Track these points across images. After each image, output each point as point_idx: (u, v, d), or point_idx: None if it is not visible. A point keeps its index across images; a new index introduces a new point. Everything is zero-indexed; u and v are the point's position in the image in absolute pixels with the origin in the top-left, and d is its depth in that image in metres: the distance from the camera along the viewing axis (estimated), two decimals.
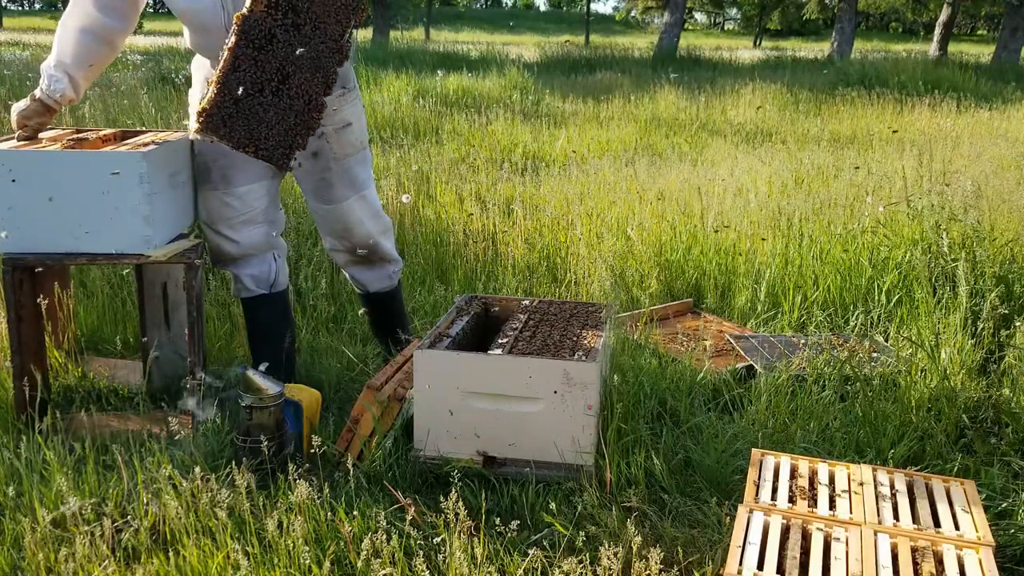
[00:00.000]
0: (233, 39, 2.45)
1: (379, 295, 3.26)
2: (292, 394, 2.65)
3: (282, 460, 2.49)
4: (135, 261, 2.69)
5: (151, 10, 48.57)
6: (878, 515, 2.07)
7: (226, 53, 2.46)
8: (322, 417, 2.90)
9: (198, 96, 2.83)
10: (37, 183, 2.56)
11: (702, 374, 3.10)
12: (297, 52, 2.51)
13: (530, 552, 2.06)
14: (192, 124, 2.49)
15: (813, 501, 2.14)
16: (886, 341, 3.55)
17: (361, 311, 3.43)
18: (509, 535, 2.08)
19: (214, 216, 2.94)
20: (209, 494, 2.17)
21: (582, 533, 2.13)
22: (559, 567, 2.01)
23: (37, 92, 2.70)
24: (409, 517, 2.19)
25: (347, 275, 3.29)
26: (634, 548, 1.92)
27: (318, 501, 2.25)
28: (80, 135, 2.95)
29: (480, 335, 2.96)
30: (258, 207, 2.95)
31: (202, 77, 2.86)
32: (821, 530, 2.00)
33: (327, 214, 3.03)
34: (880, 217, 4.49)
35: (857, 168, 6.20)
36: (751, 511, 2.05)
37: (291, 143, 2.61)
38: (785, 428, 2.79)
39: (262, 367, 2.71)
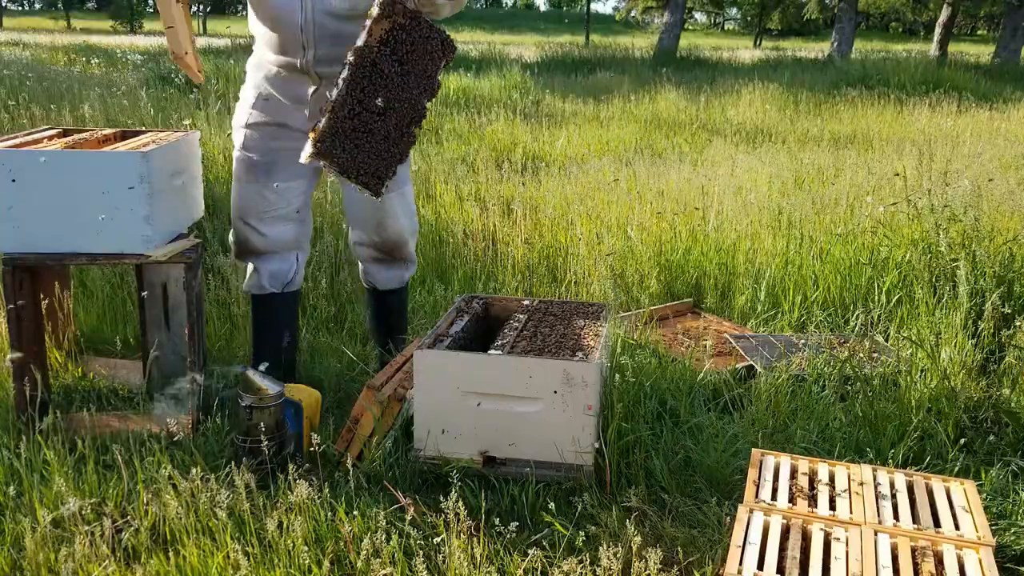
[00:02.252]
0: (347, 71, 2.57)
1: (386, 293, 3.28)
2: (292, 394, 2.65)
3: (282, 460, 2.49)
4: (135, 261, 2.69)
5: (151, 10, 48.55)
6: (878, 515, 2.07)
7: (340, 82, 2.57)
8: (322, 417, 2.90)
9: (251, 97, 2.95)
10: (37, 183, 2.56)
11: (702, 374, 3.10)
12: (399, 86, 2.66)
13: (530, 552, 2.06)
14: (307, 150, 2.59)
15: (813, 501, 2.14)
16: (886, 341, 3.54)
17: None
18: (509, 535, 2.08)
19: (247, 209, 2.96)
20: (209, 494, 2.17)
21: (582, 533, 2.13)
22: (559, 567, 2.01)
23: None
24: (409, 517, 2.19)
25: (361, 269, 3.31)
26: (634, 548, 1.92)
27: (318, 501, 2.25)
28: (80, 135, 2.95)
29: (480, 335, 2.96)
30: (293, 205, 2.99)
31: (260, 77, 2.92)
32: (821, 530, 2.00)
33: (365, 205, 3.03)
34: (880, 217, 4.49)
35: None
36: (751, 511, 2.05)
37: (386, 171, 2.74)
38: (785, 428, 2.79)
39: (262, 367, 2.71)
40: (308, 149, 2.57)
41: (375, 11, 2.56)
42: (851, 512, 2.08)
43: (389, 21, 2.58)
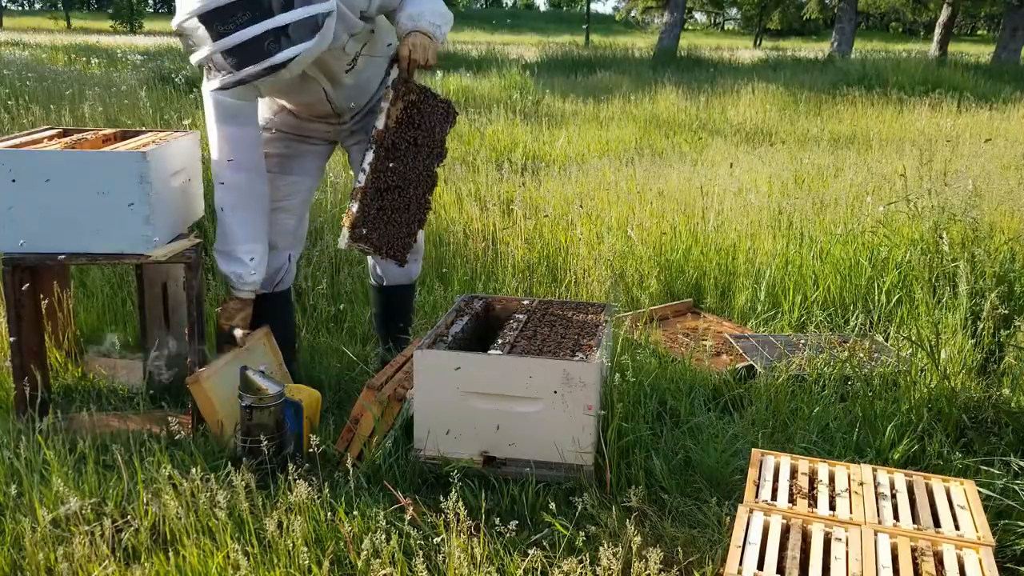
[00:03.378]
0: (372, 156, 2.69)
1: (393, 289, 3.29)
2: (292, 394, 2.65)
3: (282, 460, 2.49)
4: (135, 261, 2.69)
5: (151, 10, 48.53)
6: (878, 515, 2.07)
7: (366, 168, 2.68)
8: (322, 417, 2.90)
9: (272, 105, 3.04)
10: (37, 183, 2.56)
11: (702, 374, 3.10)
12: (414, 158, 2.80)
13: (530, 552, 2.06)
14: (344, 237, 2.71)
15: (813, 501, 2.14)
16: (886, 341, 3.54)
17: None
18: (509, 535, 2.08)
19: None
20: (209, 494, 2.17)
21: (582, 533, 2.13)
22: (559, 567, 2.01)
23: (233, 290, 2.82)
24: (409, 517, 2.19)
25: (369, 264, 3.33)
26: (634, 548, 1.92)
27: (318, 501, 2.25)
28: (80, 135, 2.95)
29: (480, 335, 2.96)
30: (298, 199, 3.06)
31: (269, 109, 3.03)
32: (821, 530, 2.00)
33: None
34: (880, 217, 4.49)
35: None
36: (751, 511, 2.05)
37: (409, 240, 2.90)
38: (785, 428, 2.79)
39: (262, 367, 2.71)
40: (345, 236, 2.70)
41: (391, 94, 2.68)
42: (851, 512, 2.08)
43: (403, 101, 2.71)
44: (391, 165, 2.73)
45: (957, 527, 2.04)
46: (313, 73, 2.74)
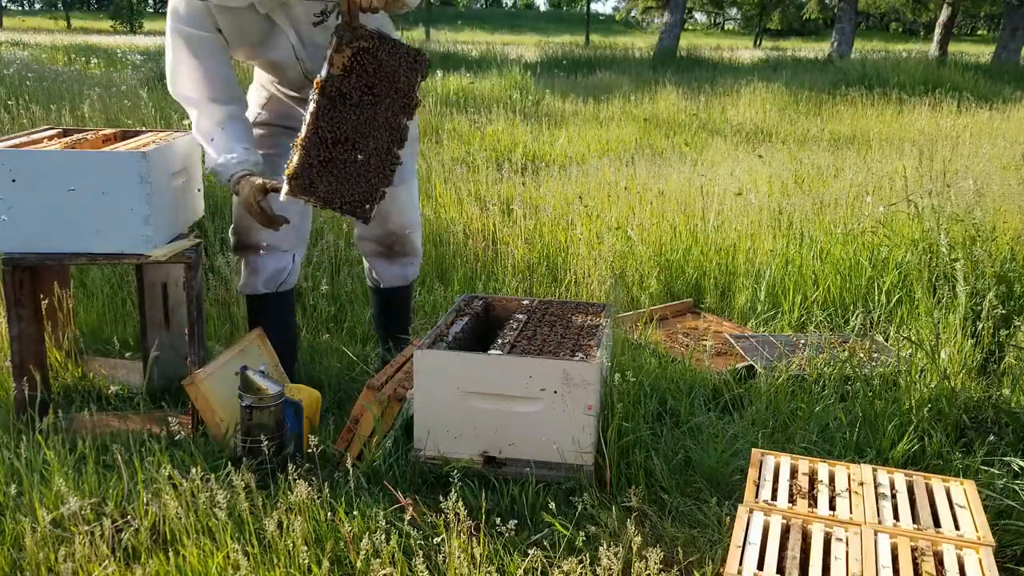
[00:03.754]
0: (313, 105, 2.54)
1: (390, 291, 3.28)
2: (292, 394, 2.65)
3: (282, 460, 2.49)
4: (135, 261, 2.69)
5: (151, 10, 48.55)
6: (878, 515, 2.07)
7: (308, 117, 2.55)
8: (322, 417, 2.90)
9: (259, 98, 3.00)
10: (37, 183, 2.56)
11: (702, 374, 3.10)
12: (372, 110, 2.63)
13: (530, 552, 2.06)
14: (284, 189, 2.57)
15: (813, 501, 2.14)
16: (886, 341, 3.54)
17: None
18: (509, 535, 2.08)
19: None
20: (209, 494, 2.17)
21: (582, 533, 2.13)
22: (559, 567, 2.01)
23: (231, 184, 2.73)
24: (409, 517, 2.19)
25: (366, 268, 3.32)
26: (634, 548, 1.92)
27: (318, 501, 2.25)
28: (80, 135, 2.95)
29: (480, 335, 2.96)
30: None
31: (267, 79, 2.97)
32: (821, 530, 2.00)
33: None
34: (880, 217, 4.49)
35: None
36: (751, 511, 2.05)
37: (370, 196, 2.70)
38: (785, 428, 2.79)
39: (262, 367, 2.71)
40: (284, 188, 2.55)
41: (333, 41, 2.52)
42: (851, 512, 2.08)
43: (351, 48, 2.54)
44: (339, 115, 2.58)
45: (957, 527, 2.04)
46: (280, 21, 2.70)
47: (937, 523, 2.06)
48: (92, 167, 2.57)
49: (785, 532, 1.99)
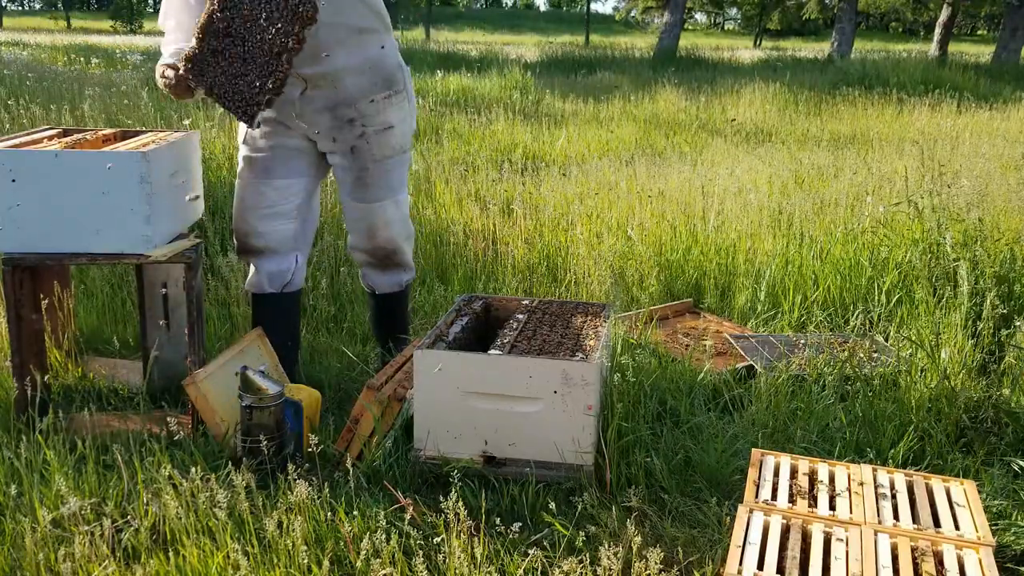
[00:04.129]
0: None
1: (385, 297, 3.28)
2: (292, 394, 2.65)
3: (282, 460, 2.49)
4: (135, 261, 2.69)
5: (151, 10, 48.54)
6: (878, 515, 2.07)
7: (207, 6, 2.63)
8: (322, 417, 2.90)
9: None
10: (37, 183, 2.56)
11: (702, 374, 3.10)
12: (254, 7, 2.66)
13: (530, 552, 2.06)
14: (180, 68, 2.68)
15: (813, 501, 2.14)
16: (886, 341, 3.54)
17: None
18: (509, 535, 2.08)
19: (247, 205, 2.98)
20: (209, 494, 2.17)
21: (582, 533, 2.13)
22: (559, 567, 2.01)
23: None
24: (409, 517, 2.19)
25: (360, 272, 3.32)
26: (634, 548, 1.92)
27: (318, 501, 2.25)
28: (80, 135, 2.95)
29: (480, 335, 2.96)
30: (292, 202, 3.00)
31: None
32: (821, 530, 2.00)
33: (358, 211, 3.06)
34: (880, 217, 4.49)
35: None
36: (751, 511, 2.05)
37: (253, 99, 2.72)
38: (785, 428, 2.79)
39: (262, 367, 2.71)
40: (180, 66, 2.67)
41: None
42: (851, 512, 2.08)
43: None
44: (234, 9, 2.64)
45: (957, 527, 2.04)
46: None
47: (937, 523, 2.07)
48: (92, 167, 2.57)
49: (785, 532, 1.99)
